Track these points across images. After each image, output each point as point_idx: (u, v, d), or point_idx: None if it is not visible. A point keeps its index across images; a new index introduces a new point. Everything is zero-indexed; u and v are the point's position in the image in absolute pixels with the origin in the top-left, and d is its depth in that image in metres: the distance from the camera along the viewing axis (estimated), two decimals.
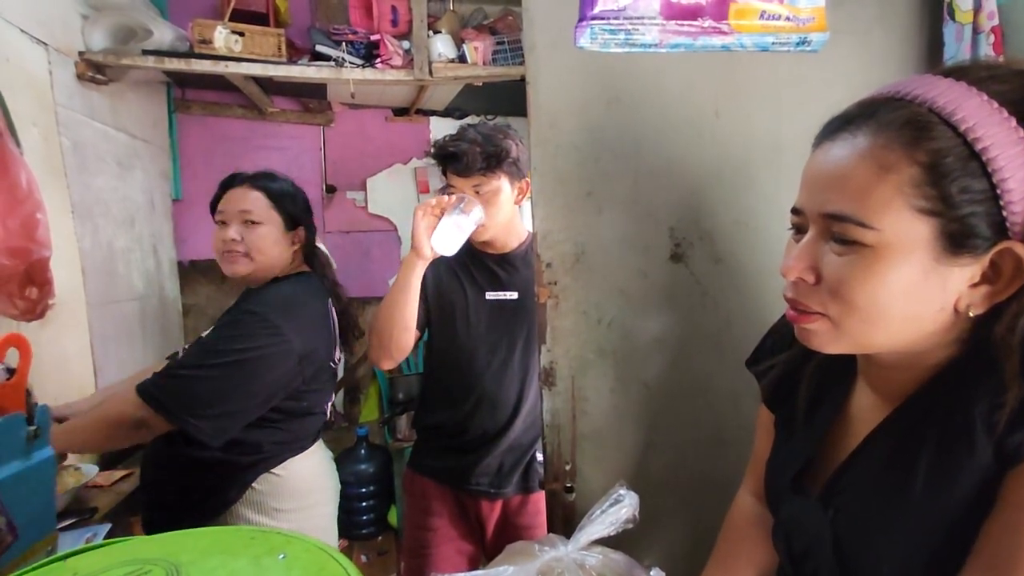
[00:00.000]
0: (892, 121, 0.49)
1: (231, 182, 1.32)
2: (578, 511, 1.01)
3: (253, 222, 1.27)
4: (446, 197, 1.28)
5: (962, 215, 0.47)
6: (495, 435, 1.39)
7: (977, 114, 0.47)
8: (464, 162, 1.30)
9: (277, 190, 1.31)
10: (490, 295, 1.39)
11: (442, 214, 1.26)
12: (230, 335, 1.18)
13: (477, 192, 1.32)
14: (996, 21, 1.00)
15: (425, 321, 1.41)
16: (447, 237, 1.25)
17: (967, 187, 0.47)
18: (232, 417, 1.16)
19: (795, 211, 0.57)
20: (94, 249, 1.87)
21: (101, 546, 0.58)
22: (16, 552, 0.66)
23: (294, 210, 1.32)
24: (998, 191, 0.46)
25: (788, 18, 0.77)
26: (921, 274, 0.49)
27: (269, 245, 1.28)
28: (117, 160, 2.07)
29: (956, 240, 0.48)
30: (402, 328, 1.31)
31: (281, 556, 0.52)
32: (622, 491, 0.76)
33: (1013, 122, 0.46)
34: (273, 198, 1.29)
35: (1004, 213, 0.47)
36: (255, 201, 1.28)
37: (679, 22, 0.75)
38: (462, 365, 1.40)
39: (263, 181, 1.31)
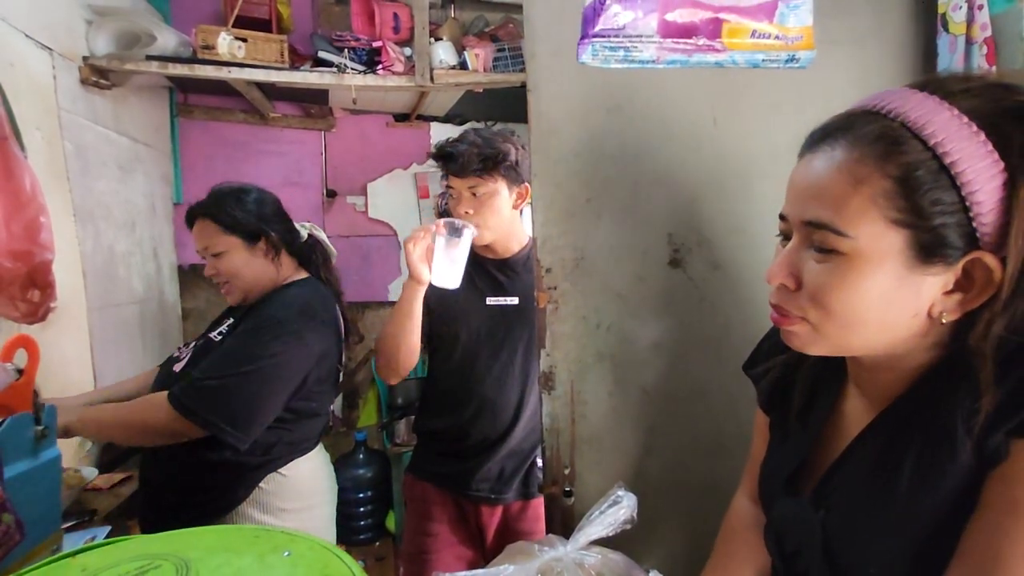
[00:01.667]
0: (866, 135, 0.51)
1: (190, 218, 1.31)
2: (577, 514, 1.01)
3: (215, 254, 1.28)
4: (433, 224, 1.27)
5: (933, 226, 0.49)
6: (496, 441, 1.39)
7: (946, 128, 0.48)
8: (460, 162, 1.31)
9: (225, 213, 1.28)
10: (491, 300, 1.40)
11: (433, 236, 1.25)
12: (255, 341, 1.20)
13: (473, 194, 1.34)
14: (989, 33, 1.01)
15: (428, 331, 1.41)
16: (445, 272, 1.25)
17: (938, 199, 0.48)
18: (261, 421, 1.19)
19: (782, 217, 0.59)
20: (95, 252, 1.88)
21: (106, 544, 0.59)
22: (23, 550, 0.66)
23: (249, 225, 1.29)
24: (967, 203, 0.48)
25: (777, 37, 0.81)
26: (895, 281, 0.51)
27: (240, 268, 1.29)
28: (119, 164, 2.08)
29: (928, 250, 0.50)
30: (408, 351, 1.34)
31: (286, 553, 0.53)
32: (620, 492, 0.77)
33: (982, 136, 0.48)
34: (222, 223, 1.28)
35: (974, 224, 0.49)
36: (209, 233, 1.28)
37: (675, 40, 0.79)
38: (463, 370, 1.40)
39: (210, 208, 1.29)
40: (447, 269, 1.25)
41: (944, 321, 0.52)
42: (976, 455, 0.49)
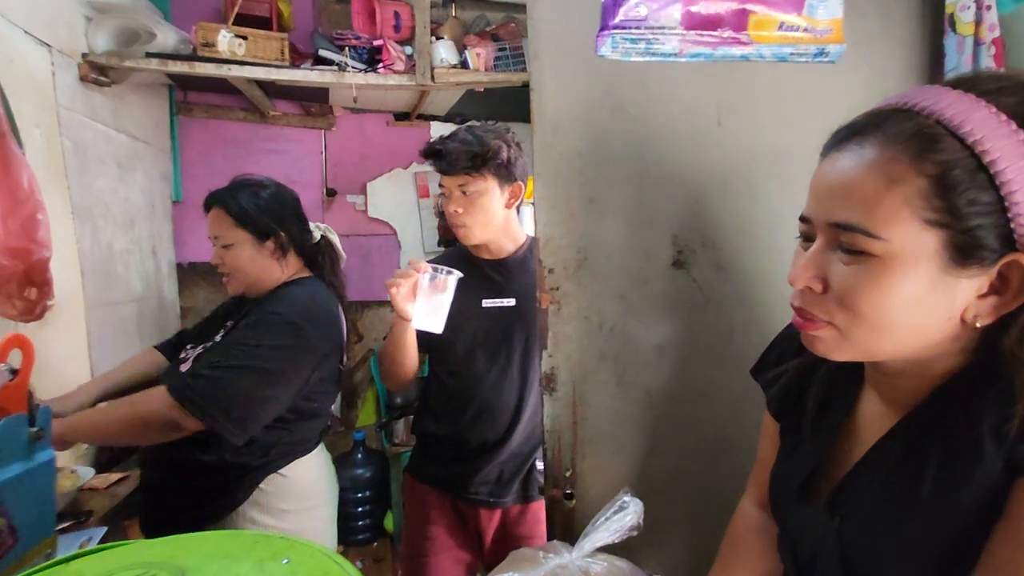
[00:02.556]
0: (900, 133, 0.50)
1: (208, 204, 1.31)
2: (578, 518, 1.01)
3: (224, 245, 1.27)
4: (412, 268, 1.23)
5: (970, 227, 0.47)
6: (495, 444, 1.38)
7: (984, 127, 0.47)
8: (448, 160, 1.30)
9: (239, 207, 1.27)
10: (487, 303, 1.38)
11: (414, 279, 1.22)
12: (257, 335, 1.19)
13: (463, 192, 1.32)
14: (997, 33, 1.00)
15: (426, 336, 1.39)
16: (425, 318, 1.23)
17: (975, 199, 0.47)
18: (257, 417, 1.17)
19: (803, 219, 0.57)
20: (93, 250, 1.86)
21: (102, 549, 0.58)
22: (15, 555, 0.65)
23: (261, 223, 1.28)
24: (1006, 203, 0.47)
25: (806, 29, 0.79)
26: (928, 284, 0.49)
27: (245, 263, 1.28)
28: (118, 162, 2.07)
29: (964, 251, 0.48)
30: (407, 369, 1.35)
31: (285, 560, 0.52)
32: (626, 498, 0.75)
33: (1021, 135, 0.47)
34: (237, 216, 1.27)
35: (1012, 225, 0.47)
36: (221, 224, 1.28)
37: (699, 32, 0.77)
38: (461, 373, 1.39)
39: (228, 200, 1.28)
40: (428, 315, 1.23)
41: (978, 325, 0.51)
42: (1004, 463, 0.47)
